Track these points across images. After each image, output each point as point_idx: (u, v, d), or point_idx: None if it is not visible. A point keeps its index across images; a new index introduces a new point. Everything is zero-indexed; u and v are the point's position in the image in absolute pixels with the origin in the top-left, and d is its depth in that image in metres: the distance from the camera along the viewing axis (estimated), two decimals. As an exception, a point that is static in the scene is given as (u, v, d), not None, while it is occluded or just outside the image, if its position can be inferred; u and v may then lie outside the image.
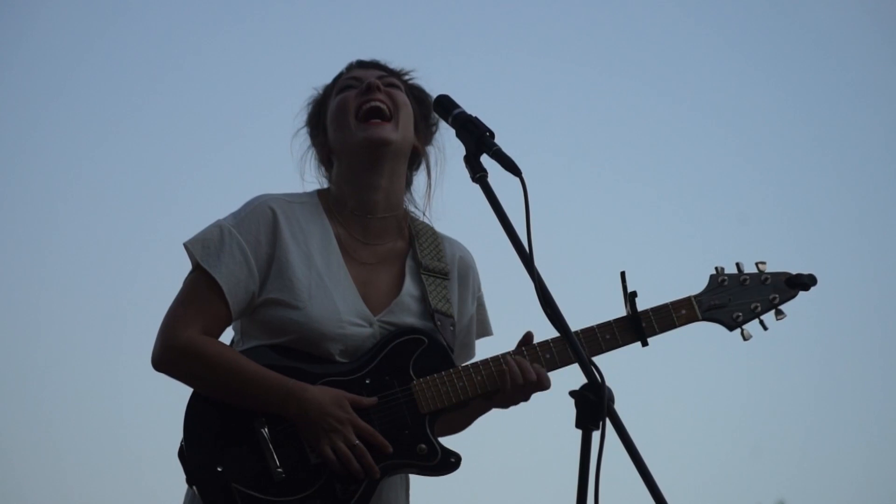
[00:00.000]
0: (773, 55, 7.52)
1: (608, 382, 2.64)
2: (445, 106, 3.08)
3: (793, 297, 3.39)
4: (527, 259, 2.77)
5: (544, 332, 3.23)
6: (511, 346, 3.26)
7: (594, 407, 2.61)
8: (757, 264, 3.40)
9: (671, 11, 7.53)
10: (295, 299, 3.17)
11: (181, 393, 3.15)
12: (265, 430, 3.08)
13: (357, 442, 3.08)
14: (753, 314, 3.37)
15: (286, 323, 3.16)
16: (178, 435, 3.11)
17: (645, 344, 3.30)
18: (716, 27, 7.57)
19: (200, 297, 3.17)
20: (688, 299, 3.35)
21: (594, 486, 2.59)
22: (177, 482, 3.13)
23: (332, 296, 3.20)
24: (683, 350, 7.09)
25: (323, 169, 3.40)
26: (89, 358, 7.25)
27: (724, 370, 7.13)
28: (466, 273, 3.41)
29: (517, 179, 2.82)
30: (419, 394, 3.17)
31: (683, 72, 7.58)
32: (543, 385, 3.20)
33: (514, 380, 3.17)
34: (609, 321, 3.29)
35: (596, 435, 2.61)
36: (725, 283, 3.38)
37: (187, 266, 3.21)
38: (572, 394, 2.67)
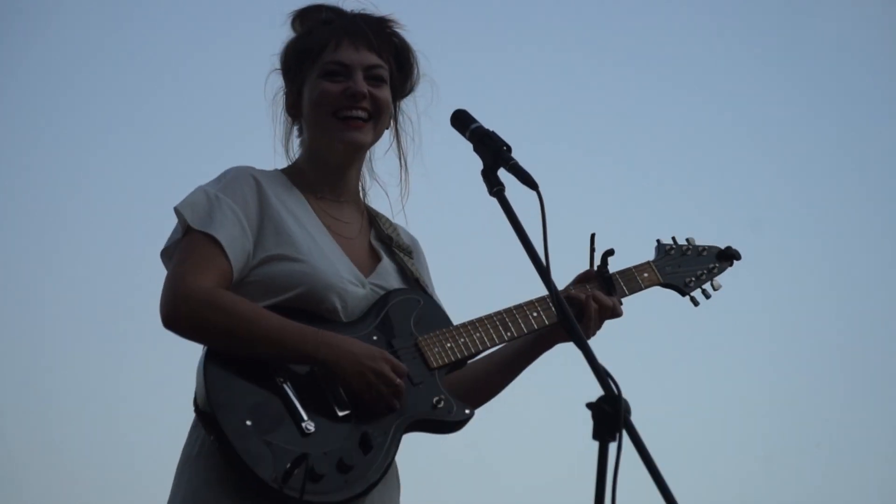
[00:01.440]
0: (792, 58, 7.52)
1: (624, 394, 2.65)
2: (463, 121, 3.12)
3: (726, 269, 3.59)
4: (544, 272, 2.80)
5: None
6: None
7: (611, 419, 2.62)
8: (687, 239, 3.60)
9: (690, 12, 7.54)
10: (298, 252, 3.14)
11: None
12: (288, 385, 3.03)
13: (398, 381, 3.07)
14: (699, 282, 3.56)
15: (293, 275, 3.11)
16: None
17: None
18: (733, 28, 7.58)
19: (203, 255, 3.08)
20: (647, 263, 3.51)
21: (611, 499, 2.59)
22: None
23: (327, 255, 3.19)
24: (683, 350, 7.11)
25: (288, 121, 3.38)
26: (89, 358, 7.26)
27: (728, 371, 7.14)
28: (422, 256, 3.46)
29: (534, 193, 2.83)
30: (427, 349, 3.19)
31: (701, 73, 7.59)
32: (618, 312, 3.34)
33: (599, 305, 3.29)
34: (582, 283, 3.40)
35: (613, 447, 2.62)
36: (672, 251, 3.56)
37: None
38: (589, 405, 2.68)
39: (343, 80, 3.25)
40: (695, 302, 3.55)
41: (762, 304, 7.00)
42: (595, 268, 3.40)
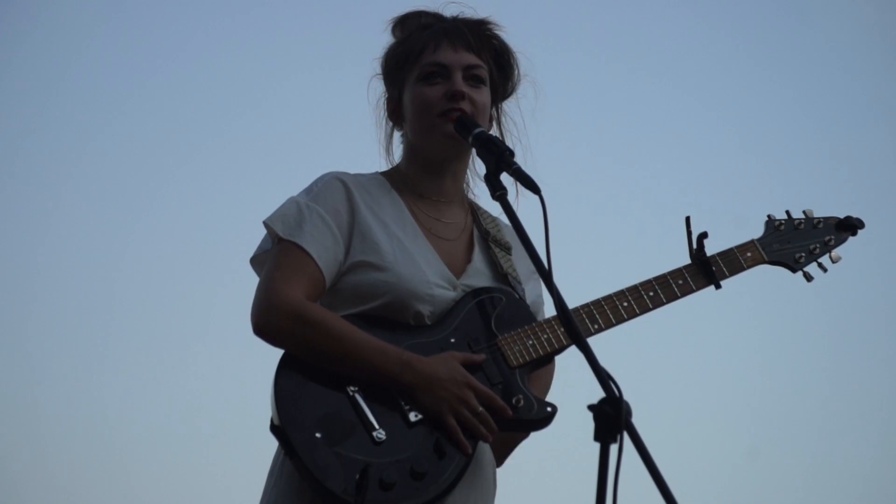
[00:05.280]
0: (786, 60, 7.54)
1: (626, 396, 2.66)
2: (466, 125, 3.15)
3: (844, 240, 3.45)
4: (546, 276, 2.82)
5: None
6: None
7: (612, 420, 2.63)
8: (804, 211, 3.46)
9: (681, 12, 7.55)
10: (383, 260, 3.13)
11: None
12: (359, 394, 3.02)
13: (481, 409, 3.04)
14: (813, 256, 3.42)
15: (376, 285, 3.12)
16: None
17: (718, 287, 3.32)
18: (726, 29, 7.59)
19: (294, 264, 3.10)
20: (751, 242, 3.39)
21: (612, 500, 2.61)
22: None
23: (416, 259, 3.17)
24: (682, 351, 7.12)
25: (389, 125, 3.37)
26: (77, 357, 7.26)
27: (726, 371, 7.15)
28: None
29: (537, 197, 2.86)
30: (506, 348, 3.15)
31: (698, 74, 7.60)
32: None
33: None
34: (678, 268, 3.30)
35: (614, 449, 2.64)
36: (782, 227, 3.43)
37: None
38: (590, 407, 2.68)
39: (442, 82, 3.23)
40: (808, 277, 3.41)
41: (749, 302, 7.02)
42: (693, 256, 3.30)
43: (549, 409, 3.13)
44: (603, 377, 2.66)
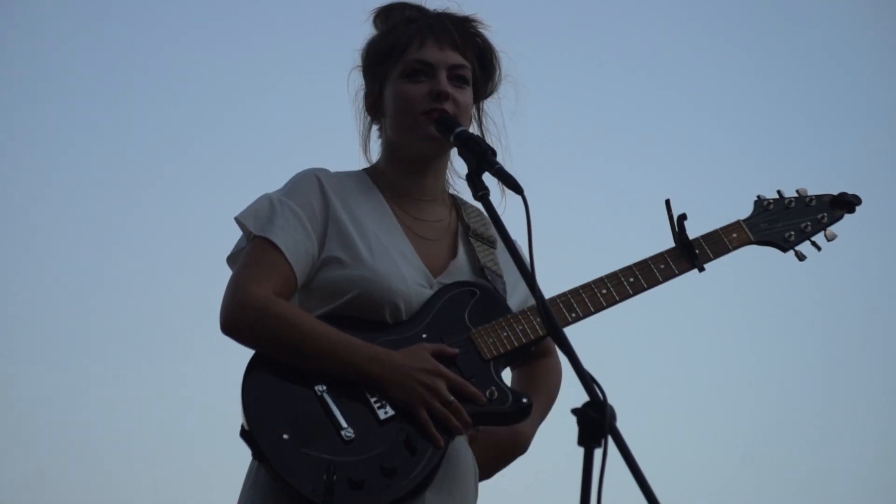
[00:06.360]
0: (780, 60, 7.54)
1: (610, 399, 2.64)
2: (447, 124, 3.12)
3: (839, 218, 3.35)
4: (529, 277, 2.77)
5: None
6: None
7: (596, 424, 2.60)
8: (797, 190, 3.37)
9: (675, 12, 7.55)
10: (359, 255, 3.11)
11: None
12: (327, 393, 2.99)
13: (452, 398, 3.01)
14: (804, 234, 3.31)
15: (351, 279, 3.09)
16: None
17: (701, 269, 3.25)
18: (720, 30, 7.59)
19: (264, 261, 3.07)
20: (737, 223, 3.31)
21: (596, 505, 2.58)
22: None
23: (392, 256, 3.14)
24: (682, 352, 7.10)
25: (367, 119, 3.32)
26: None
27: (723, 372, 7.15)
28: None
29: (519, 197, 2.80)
30: (479, 341, 3.11)
31: (693, 75, 7.60)
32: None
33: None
34: (661, 252, 3.25)
35: (598, 453, 2.61)
36: (771, 206, 3.34)
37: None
38: (574, 411, 2.66)
39: (426, 81, 3.19)
40: (800, 256, 3.30)
41: (741, 305, 7.01)
42: (676, 239, 3.24)
43: (524, 400, 3.10)
44: (586, 380, 2.63)
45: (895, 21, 7.35)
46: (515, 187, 2.86)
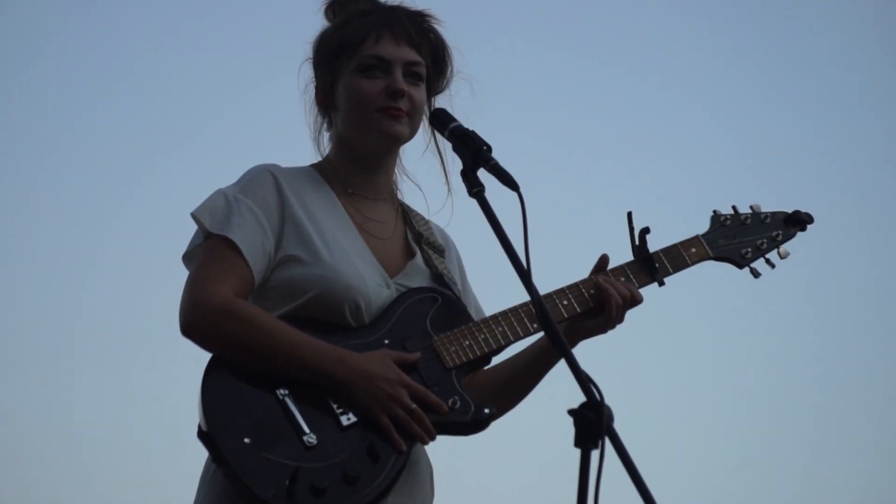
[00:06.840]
0: (779, 60, 7.53)
1: (607, 400, 2.61)
2: (442, 119, 3.09)
3: (793, 235, 3.41)
4: (525, 275, 2.74)
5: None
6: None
7: (593, 425, 2.57)
8: (751, 206, 3.42)
9: (676, 14, 7.55)
10: (318, 253, 3.07)
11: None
12: (289, 398, 2.94)
13: (414, 406, 2.97)
14: (760, 251, 3.37)
15: (311, 279, 3.04)
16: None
17: (661, 284, 3.27)
18: (720, 30, 7.59)
19: (222, 260, 3.02)
20: (695, 238, 3.35)
21: (593, 507, 2.55)
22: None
23: (349, 255, 3.11)
24: (679, 352, 7.09)
25: (318, 114, 3.30)
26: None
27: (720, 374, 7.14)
28: (455, 254, 3.37)
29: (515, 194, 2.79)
30: (441, 349, 3.09)
31: (691, 75, 7.59)
32: (637, 299, 3.19)
33: (619, 297, 3.16)
34: (621, 265, 3.27)
35: (595, 454, 2.58)
36: (728, 222, 3.38)
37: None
38: (571, 412, 2.63)
39: (381, 77, 3.16)
40: (755, 273, 3.35)
41: (740, 309, 7.00)
42: (635, 252, 3.26)
43: (486, 411, 3.06)
44: (583, 380, 2.61)
45: (895, 21, 7.34)
46: (511, 184, 2.83)
